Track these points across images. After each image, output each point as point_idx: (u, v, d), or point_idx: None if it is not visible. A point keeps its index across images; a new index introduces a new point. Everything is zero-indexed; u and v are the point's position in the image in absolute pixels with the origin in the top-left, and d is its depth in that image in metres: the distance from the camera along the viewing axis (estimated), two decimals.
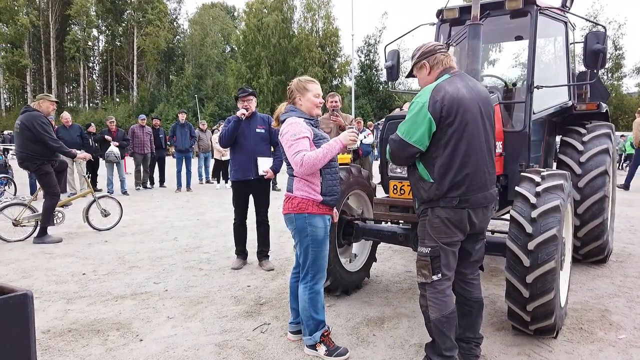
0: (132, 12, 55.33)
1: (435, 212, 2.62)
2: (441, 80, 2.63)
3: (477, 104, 2.59)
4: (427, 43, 2.83)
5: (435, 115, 2.50)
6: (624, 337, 3.34)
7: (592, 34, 4.23)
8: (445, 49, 2.76)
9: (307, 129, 2.96)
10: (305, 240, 3.03)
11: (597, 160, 4.70)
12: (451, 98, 2.51)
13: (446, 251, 2.61)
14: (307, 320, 3.09)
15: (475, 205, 2.59)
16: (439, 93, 2.52)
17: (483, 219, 2.68)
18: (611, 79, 37.74)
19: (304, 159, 2.85)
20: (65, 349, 3.22)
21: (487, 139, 2.65)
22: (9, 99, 58.52)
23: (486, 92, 2.74)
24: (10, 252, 5.91)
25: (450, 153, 2.53)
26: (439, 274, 2.60)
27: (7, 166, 11.34)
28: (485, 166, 2.61)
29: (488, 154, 2.65)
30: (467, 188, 2.55)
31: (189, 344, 3.29)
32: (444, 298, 2.61)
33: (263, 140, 5.04)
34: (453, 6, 4.82)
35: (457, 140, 2.52)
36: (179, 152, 12.21)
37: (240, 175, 4.99)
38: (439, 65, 2.72)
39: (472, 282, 2.83)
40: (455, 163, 2.53)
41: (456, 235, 2.61)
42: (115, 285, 4.61)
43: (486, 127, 2.64)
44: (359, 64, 42.75)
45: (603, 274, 4.87)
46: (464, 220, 2.58)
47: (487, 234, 3.88)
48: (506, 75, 3.92)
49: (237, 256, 5.33)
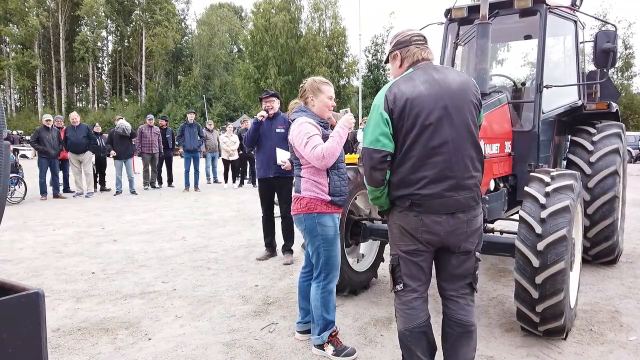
0: (140, 12, 55.73)
1: (393, 218, 2.43)
2: (401, 76, 2.38)
3: (440, 100, 2.25)
4: (404, 31, 2.50)
5: (389, 116, 2.28)
6: (634, 339, 3.30)
7: (603, 32, 4.19)
8: (423, 41, 2.44)
9: (317, 127, 3.00)
10: (315, 240, 3.03)
11: (607, 160, 4.65)
12: (402, 97, 2.25)
13: (405, 260, 2.37)
14: (318, 320, 3.09)
15: (431, 211, 2.26)
16: (391, 92, 2.29)
17: (452, 231, 2.28)
18: (621, 78, 37.38)
19: (324, 151, 2.87)
20: (74, 348, 3.24)
21: (459, 137, 2.27)
22: (19, 100, 59.10)
23: (463, 83, 2.33)
24: (21, 251, 5.97)
25: (404, 156, 2.29)
26: (401, 284, 2.39)
27: (18, 166, 11.44)
28: (451, 170, 2.25)
29: (462, 153, 2.27)
30: (421, 193, 2.26)
31: (197, 343, 3.30)
32: (408, 310, 2.40)
33: (283, 140, 5.11)
34: (461, 5, 4.80)
35: (412, 142, 2.25)
36: (187, 151, 12.27)
37: (262, 174, 5.34)
38: (409, 58, 2.42)
39: (453, 299, 2.42)
40: (409, 166, 2.28)
41: (413, 244, 2.33)
42: (124, 284, 4.64)
43: (455, 125, 2.26)
44: (366, 63, 42.71)
45: (613, 275, 4.83)
46: (418, 228, 2.29)
47: (496, 234, 3.88)
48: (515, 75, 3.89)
49: (265, 248, 5.68)
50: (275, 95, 5.31)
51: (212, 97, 47.73)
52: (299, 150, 2.98)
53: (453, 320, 2.41)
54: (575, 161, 4.81)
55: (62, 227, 7.60)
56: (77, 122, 11.21)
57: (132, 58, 57.30)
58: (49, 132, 10.76)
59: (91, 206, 9.95)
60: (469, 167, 2.30)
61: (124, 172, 11.91)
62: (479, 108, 2.39)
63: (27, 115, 51.35)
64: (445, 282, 2.44)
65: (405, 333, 2.41)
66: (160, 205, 10.00)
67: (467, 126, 2.30)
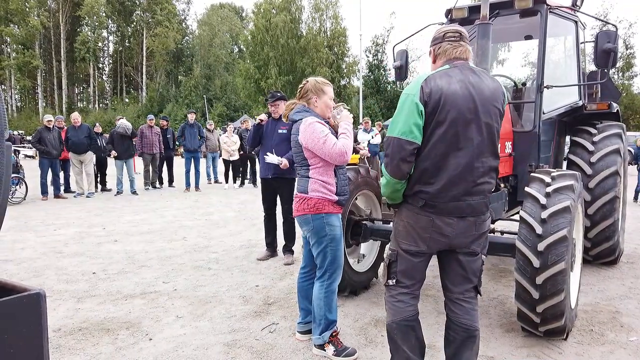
0: (141, 13, 55.75)
1: (401, 215, 2.41)
2: (436, 70, 2.33)
3: (472, 102, 2.23)
4: (442, 27, 2.45)
5: (423, 108, 2.23)
6: (634, 340, 3.30)
7: (603, 33, 4.19)
8: (457, 38, 2.37)
9: (326, 126, 3.04)
10: (324, 240, 3.04)
11: (608, 160, 4.65)
12: (438, 92, 2.21)
13: (404, 259, 2.38)
14: (320, 319, 3.09)
15: (444, 213, 2.26)
16: (427, 85, 2.24)
17: (460, 234, 2.29)
18: (622, 79, 37.34)
19: (344, 147, 2.93)
20: (75, 348, 3.25)
21: (483, 143, 2.26)
22: (20, 100, 59.15)
23: (495, 91, 2.32)
24: (22, 252, 5.98)
25: (428, 152, 2.25)
26: (394, 280, 2.41)
27: (19, 166, 11.45)
28: (470, 174, 2.24)
29: (483, 158, 2.27)
30: (438, 193, 2.25)
31: (198, 343, 3.31)
32: (396, 303, 2.41)
33: (284, 141, 5.16)
34: (462, 6, 4.80)
35: (438, 139, 2.23)
36: (187, 152, 12.27)
37: (262, 174, 5.42)
38: (442, 55, 2.38)
39: (459, 302, 2.40)
40: (430, 163, 2.26)
41: (417, 245, 2.33)
42: (125, 284, 4.64)
43: (482, 130, 2.25)
44: (367, 64, 42.64)
45: (614, 275, 4.83)
46: (428, 228, 2.29)
47: (496, 234, 3.88)
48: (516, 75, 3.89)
49: (266, 248, 5.70)
50: (282, 98, 5.32)
51: (213, 98, 47.71)
52: (316, 149, 2.95)
53: (458, 325, 2.39)
54: (575, 161, 4.81)
55: (63, 227, 7.61)
56: (78, 122, 11.21)
57: (133, 58, 57.32)
58: (50, 133, 10.77)
59: (92, 206, 9.96)
60: (486, 173, 2.29)
61: (124, 173, 11.91)
62: (502, 115, 2.37)
63: (28, 116, 51.39)
64: (451, 284, 2.43)
65: (392, 325, 2.43)
66: (161, 206, 10.01)
67: (492, 134, 2.30)
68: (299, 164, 3.12)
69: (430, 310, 3.85)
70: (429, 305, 3.97)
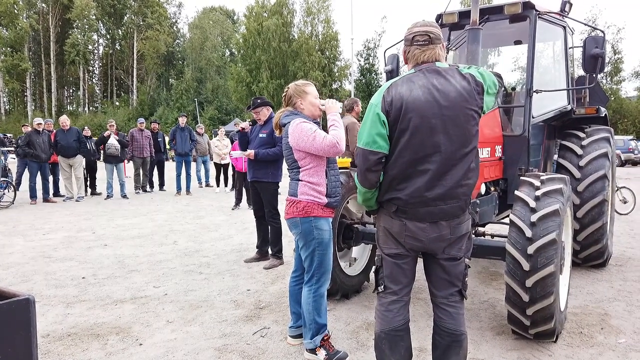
0: (132, 16, 55.52)
1: (379, 221, 2.44)
2: (400, 77, 2.33)
3: (436, 107, 2.17)
4: (412, 26, 2.36)
5: (386, 117, 2.24)
6: (623, 341, 3.34)
7: (591, 38, 4.25)
8: (426, 41, 2.28)
9: (313, 124, 3.05)
10: (311, 244, 3.04)
11: (596, 164, 4.71)
12: (399, 100, 2.20)
13: (388, 263, 2.39)
14: (310, 324, 3.09)
15: (416, 218, 2.26)
16: (389, 94, 2.24)
17: (434, 238, 2.26)
18: (610, 83, 37.80)
19: (335, 138, 2.92)
20: (64, 353, 3.21)
21: (452, 147, 2.20)
22: (9, 103, 58.56)
23: (465, 90, 2.20)
24: (10, 256, 5.91)
25: (394, 160, 2.26)
26: (382, 286, 2.42)
27: (7, 170, 11.32)
28: (440, 180, 2.21)
29: (453, 163, 2.21)
30: (408, 199, 2.24)
31: (188, 348, 3.29)
32: (385, 312, 2.40)
33: (263, 144, 5.22)
34: (452, 11, 4.84)
35: (403, 147, 2.22)
36: (178, 155, 12.21)
37: (248, 177, 5.46)
38: (411, 59, 2.34)
39: (443, 307, 2.37)
40: (398, 171, 2.26)
41: (397, 247, 2.35)
42: (114, 289, 4.61)
43: (449, 134, 2.19)
44: (359, 67, 42.83)
45: (603, 277, 4.87)
46: (402, 233, 2.29)
47: (487, 237, 3.91)
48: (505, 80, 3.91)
49: (256, 251, 5.72)
50: (264, 104, 5.31)
51: (204, 101, 47.64)
52: (308, 147, 2.95)
53: (443, 329, 2.37)
54: (565, 165, 4.86)
55: (52, 231, 7.54)
56: (66, 125, 11.10)
57: (124, 61, 57.02)
58: (40, 136, 10.68)
59: (81, 210, 9.88)
60: (460, 176, 2.23)
61: (115, 176, 11.83)
62: (479, 112, 2.28)
63: (17, 119, 50.89)
64: (435, 288, 2.41)
65: (380, 335, 2.41)
66: (152, 210, 9.95)
67: (463, 136, 2.21)
68: (290, 167, 3.12)
69: (422, 314, 3.86)
70: (420, 309, 3.98)
